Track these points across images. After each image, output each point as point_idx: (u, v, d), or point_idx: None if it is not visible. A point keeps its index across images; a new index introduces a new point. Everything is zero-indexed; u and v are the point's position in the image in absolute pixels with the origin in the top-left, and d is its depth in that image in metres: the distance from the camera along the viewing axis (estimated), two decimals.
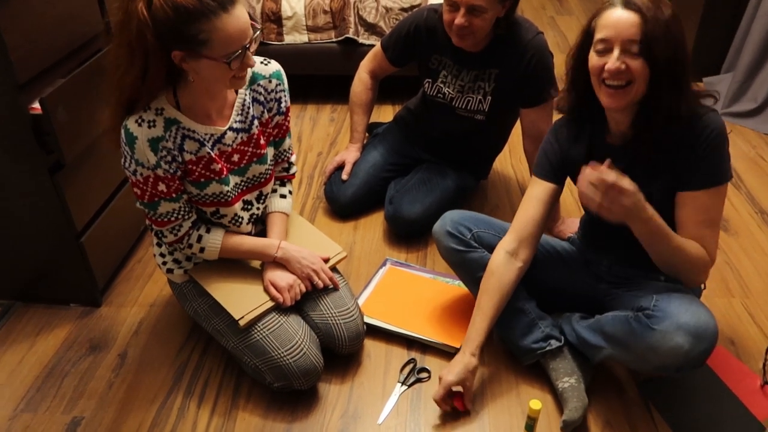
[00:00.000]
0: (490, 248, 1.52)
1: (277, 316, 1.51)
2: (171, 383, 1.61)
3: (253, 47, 1.31)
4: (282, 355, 1.46)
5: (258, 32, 1.33)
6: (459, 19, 1.73)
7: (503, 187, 2.34)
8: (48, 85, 1.57)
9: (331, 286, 1.58)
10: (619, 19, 1.22)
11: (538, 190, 1.49)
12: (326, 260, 1.61)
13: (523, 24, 1.83)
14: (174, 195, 1.41)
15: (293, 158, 1.69)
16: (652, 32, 1.20)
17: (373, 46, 2.75)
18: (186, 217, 1.46)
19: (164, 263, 1.61)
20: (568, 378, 1.43)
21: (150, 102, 1.34)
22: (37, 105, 1.52)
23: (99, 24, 1.79)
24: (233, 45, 1.23)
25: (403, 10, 2.72)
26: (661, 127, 1.28)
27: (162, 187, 1.39)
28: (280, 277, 1.53)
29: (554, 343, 1.49)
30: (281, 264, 1.56)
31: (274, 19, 2.77)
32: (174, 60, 1.25)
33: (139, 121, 1.33)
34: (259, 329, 1.49)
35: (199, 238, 1.49)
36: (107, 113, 1.36)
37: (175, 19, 1.18)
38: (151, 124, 1.34)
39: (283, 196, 1.67)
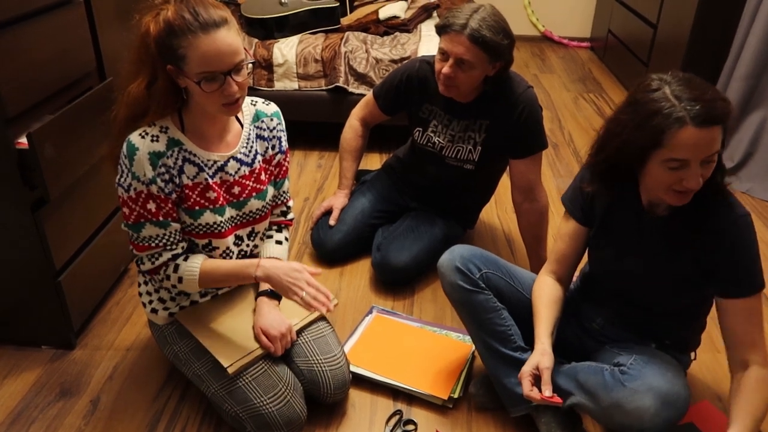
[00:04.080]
0: (497, 292, 1.51)
1: (261, 362, 1.46)
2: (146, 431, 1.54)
3: (241, 77, 1.30)
4: (264, 402, 1.41)
5: (250, 63, 1.35)
6: (446, 69, 1.77)
7: (489, 238, 2.35)
8: (36, 121, 1.55)
9: (324, 300, 1.43)
10: (700, 140, 1.13)
11: (569, 227, 1.49)
12: (309, 324, 1.56)
13: (513, 78, 1.87)
14: (161, 219, 1.38)
15: (291, 203, 1.67)
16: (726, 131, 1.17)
17: (362, 95, 2.80)
18: (168, 247, 1.42)
19: (150, 302, 1.56)
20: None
21: (156, 120, 1.35)
22: (24, 140, 1.49)
23: (91, 62, 1.79)
24: (206, 65, 1.25)
25: (393, 61, 2.77)
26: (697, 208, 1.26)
27: (152, 206, 1.36)
28: (271, 325, 1.48)
29: None
30: (272, 309, 1.52)
31: (265, 65, 2.81)
32: (170, 73, 1.28)
33: (143, 134, 1.34)
34: (241, 375, 1.44)
35: (176, 268, 1.43)
36: (113, 131, 1.37)
37: (164, 33, 1.25)
38: (155, 138, 1.34)
39: (278, 242, 1.64)
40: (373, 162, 2.88)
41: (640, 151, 1.20)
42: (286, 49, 2.81)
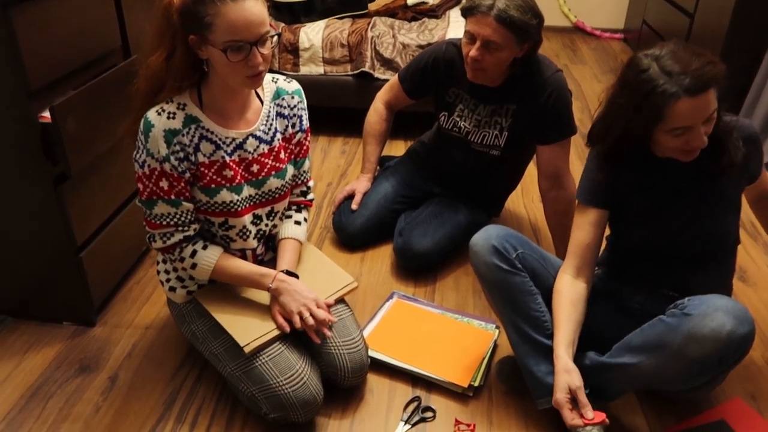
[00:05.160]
0: (533, 274, 1.47)
1: (278, 343, 1.44)
2: (161, 410, 1.53)
3: (266, 49, 1.29)
4: (281, 383, 1.38)
5: (275, 36, 1.33)
6: (473, 52, 1.72)
7: (515, 226, 2.29)
8: (60, 95, 1.55)
9: (328, 325, 1.47)
10: (696, 107, 1.21)
11: (588, 216, 1.45)
12: (329, 305, 1.52)
13: (542, 61, 1.81)
14: (173, 197, 1.37)
15: (311, 183, 1.65)
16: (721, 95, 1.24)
17: (388, 80, 2.76)
18: (180, 228, 1.41)
19: (167, 280, 1.56)
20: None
21: (174, 95, 1.34)
22: (47, 114, 1.49)
23: (116, 39, 1.78)
24: (233, 34, 1.23)
25: (420, 47, 2.73)
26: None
27: (164, 184, 1.35)
28: (288, 302, 1.46)
29: None
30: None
31: (291, 49, 2.79)
32: (192, 46, 1.27)
33: (159, 111, 1.33)
34: (258, 355, 1.42)
35: (193, 253, 1.43)
36: (133, 106, 1.36)
37: (191, 1, 1.23)
38: (171, 115, 1.33)
39: (297, 223, 1.62)
40: (398, 148, 2.84)
41: (644, 129, 1.28)
42: (313, 34, 2.79)
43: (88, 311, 1.78)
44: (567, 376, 1.33)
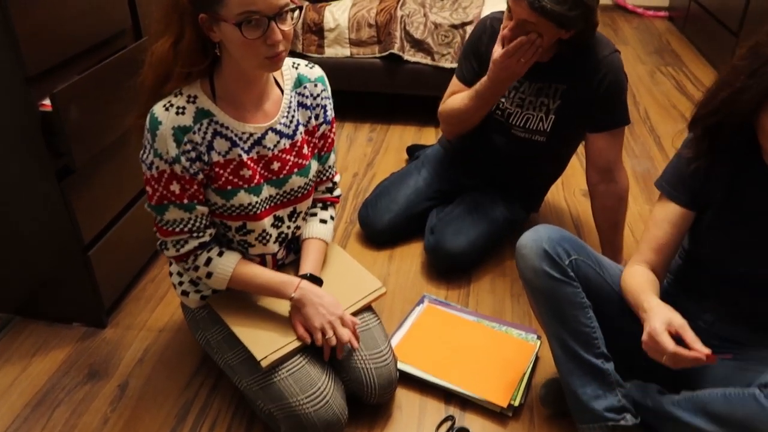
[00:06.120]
0: (586, 283, 1.29)
1: (299, 356, 1.31)
2: (173, 423, 1.42)
3: (286, 26, 1.14)
4: (301, 402, 1.25)
5: (297, 11, 1.16)
6: (506, 31, 1.54)
7: (555, 222, 2.12)
8: (62, 81, 1.42)
9: (348, 346, 1.32)
10: None
11: (668, 212, 1.27)
12: (355, 323, 1.36)
13: (599, 39, 1.62)
14: (186, 201, 1.24)
15: (337, 178, 1.51)
16: None
17: (418, 63, 2.60)
18: (195, 234, 1.28)
19: (180, 283, 1.43)
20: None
21: (182, 85, 1.19)
22: (48, 102, 1.36)
23: (126, 19, 1.64)
24: (248, 5, 1.08)
25: (454, 26, 2.54)
26: None
27: (175, 187, 1.22)
28: (312, 315, 1.32)
29: (630, 419, 1.24)
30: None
31: (315, 30, 2.63)
32: (202, 27, 1.12)
33: (167, 105, 1.18)
34: (277, 369, 1.29)
35: (208, 261, 1.30)
36: (140, 98, 1.23)
37: None
38: (181, 110, 1.18)
39: (323, 221, 1.48)
40: (428, 136, 2.68)
41: (751, 102, 1.05)
42: (338, 13, 2.62)
43: (98, 312, 1.67)
44: (668, 311, 1.13)
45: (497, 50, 1.56)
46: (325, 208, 1.50)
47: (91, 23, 1.50)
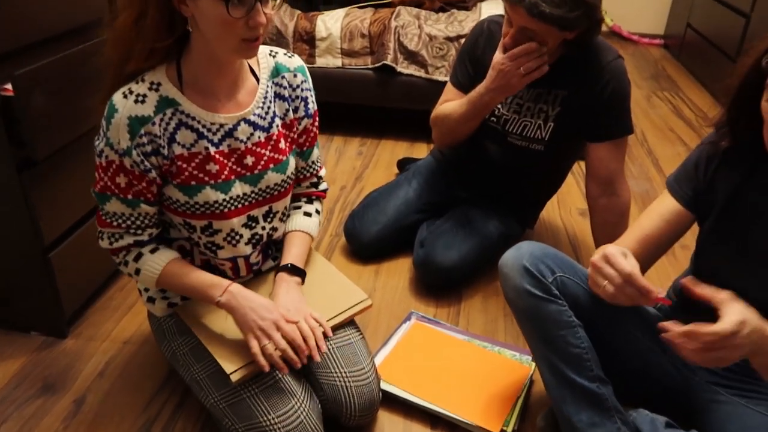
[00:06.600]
0: (574, 302, 1.19)
1: (273, 369, 1.18)
2: None
3: (269, 10, 1.05)
4: (272, 422, 1.13)
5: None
6: (507, 39, 1.47)
7: (551, 241, 2.02)
8: (28, 66, 1.32)
9: (294, 359, 1.15)
10: None
11: (665, 206, 1.18)
12: (338, 325, 1.26)
13: (601, 44, 1.54)
14: (130, 197, 1.13)
15: (323, 172, 1.41)
16: None
17: (412, 75, 2.53)
18: (133, 231, 1.18)
19: (146, 289, 1.32)
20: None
21: (145, 65, 1.09)
22: (9, 86, 1.26)
23: (103, 8, 1.54)
24: None
25: (449, 39, 2.48)
26: None
27: (121, 180, 1.11)
28: (287, 309, 1.18)
29: None
30: (291, 289, 1.24)
31: (306, 38, 2.55)
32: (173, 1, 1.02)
33: (126, 93, 1.08)
34: (247, 384, 1.17)
35: (138, 257, 1.18)
36: (105, 80, 1.12)
37: None
38: (140, 99, 1.08)
39: (307, 214, 1.37)
40: (420, 151, 2.59)
41: (754, 90, 0.96)
42: (331, 22, 2.55)
43: (58, 321, 1.55)
44: (615, 248, 1.04)
45: (498, 56, 1.48)
46: (310, 201, 1.40)
47: (64, 8, 1.41)
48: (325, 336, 1.19)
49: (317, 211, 1.39)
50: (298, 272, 1.28)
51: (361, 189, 2.31)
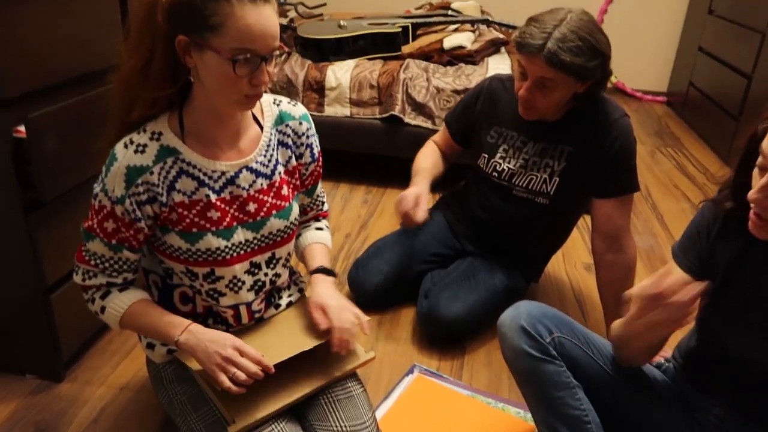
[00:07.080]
0: (571, 363, 1.17)
1: (273, 422, 1.15)
2: None
3: (272, 67, 1.07)
4: None
5: (283, 55, 1.10)
6: (523, 91, 1.50)
7: (556, 296, 2.00)
8: (41, 110, 1.33)
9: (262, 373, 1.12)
10: None
11: (675, 278, 1.14)
12: (340, 378, 1.24)
13: (607, 101, 1.57)
14: (114, 242, 1.13)
15: (326, 206, 1.45)
16: None
17: (419, 126, 2.56)
18: (108, 273, 1.17)
19: (145, 335, 1.29)
20: None
21: (148, 113, 1.10)
22: (22, 128, 1.28)
23: (117, 56, 1.58)
24: (246, 41, 1.00)
25: (456, 92, 2.52)
26: None
27: (109, 225, 1.11)
28: (331, 295, 1.26)
29: None
30: (330, 286, 1.29)
31: (316, 88, 2.59)
32: (177, 48, 1.03)
33: (128, 143, 1.09)
34: None
35: (105, 295, 1.18)
36: (109, 126, 1.15)
37: None
38: (141, 149, 1.09)
39: (319, 228, 1.41)
40: None
41: (749, 157, 0.97)
42: (341, 72, 2.60)
43: (55, 364, 1.52)
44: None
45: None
46: (317, 220, 1.43)
47: (82, 53, 1.44)
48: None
49: (327, 227, 1.43)
50: (330, 273, 1.31)
51: (365, 237, 2.30)
